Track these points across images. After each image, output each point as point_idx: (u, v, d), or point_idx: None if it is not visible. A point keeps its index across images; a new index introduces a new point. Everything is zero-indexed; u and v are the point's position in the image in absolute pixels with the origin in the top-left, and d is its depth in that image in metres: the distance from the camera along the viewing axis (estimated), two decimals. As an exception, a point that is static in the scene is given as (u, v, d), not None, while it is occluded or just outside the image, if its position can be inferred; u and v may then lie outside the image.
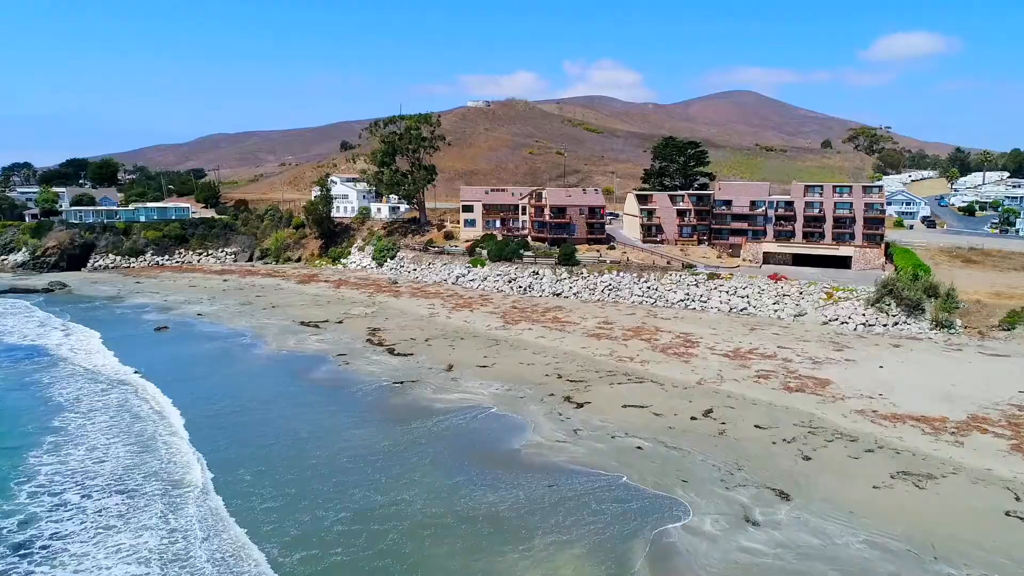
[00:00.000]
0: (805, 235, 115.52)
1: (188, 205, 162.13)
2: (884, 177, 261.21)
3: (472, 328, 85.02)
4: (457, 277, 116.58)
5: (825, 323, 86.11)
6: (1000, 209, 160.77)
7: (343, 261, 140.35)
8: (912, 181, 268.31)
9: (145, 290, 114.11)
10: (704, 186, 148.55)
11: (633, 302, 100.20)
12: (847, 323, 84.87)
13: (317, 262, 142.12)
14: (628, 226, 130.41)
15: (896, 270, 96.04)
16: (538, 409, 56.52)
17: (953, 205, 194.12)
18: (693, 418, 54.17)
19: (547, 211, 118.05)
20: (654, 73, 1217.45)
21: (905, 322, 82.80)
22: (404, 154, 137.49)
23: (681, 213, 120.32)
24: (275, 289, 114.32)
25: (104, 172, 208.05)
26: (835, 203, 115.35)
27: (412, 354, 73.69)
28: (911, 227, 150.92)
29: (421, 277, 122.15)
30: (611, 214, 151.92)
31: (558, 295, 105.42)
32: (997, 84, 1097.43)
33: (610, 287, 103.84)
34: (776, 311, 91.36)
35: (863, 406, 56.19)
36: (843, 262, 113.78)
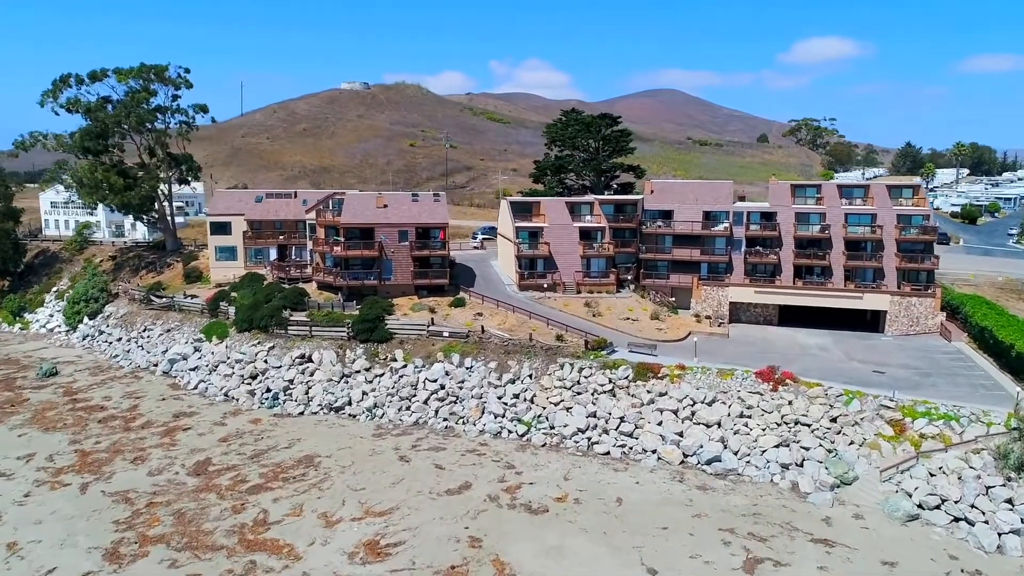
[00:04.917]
0: (798, 271, 66.21)
1: None
2: (836, 175, 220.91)
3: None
4: (172, 361, 61.06)
5: (914, 518, 35.68)
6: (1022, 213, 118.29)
7: (28, 317, 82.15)
8: (867, 180, 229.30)
9: None
10: (627, 188, 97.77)
11: (483, 431, 47.57)
12: (964, 519, 34.70)
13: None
14: (503, 257, 77.43)
15: (1001, 350, 46.36)
16: None
17: (940, 209, 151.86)
18: None
19: (343, 235, 63.23)
20: (581, 74, 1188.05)
21: (1118, 526, 33.25)
22: (128, 136, 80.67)
23: (587, 235, 68.42)
24: None
25: None
26: (846, 215, 66.42)
27: None
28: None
29: (120, 356, 65.91)
30: (490, 231, 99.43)
31: (338, 412, 51.58)
32: (905, 86, 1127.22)
33: (442, 394, 50.80)
34: (783, 471, 40.53)
35: None
36: (864, 318, 65.16)
